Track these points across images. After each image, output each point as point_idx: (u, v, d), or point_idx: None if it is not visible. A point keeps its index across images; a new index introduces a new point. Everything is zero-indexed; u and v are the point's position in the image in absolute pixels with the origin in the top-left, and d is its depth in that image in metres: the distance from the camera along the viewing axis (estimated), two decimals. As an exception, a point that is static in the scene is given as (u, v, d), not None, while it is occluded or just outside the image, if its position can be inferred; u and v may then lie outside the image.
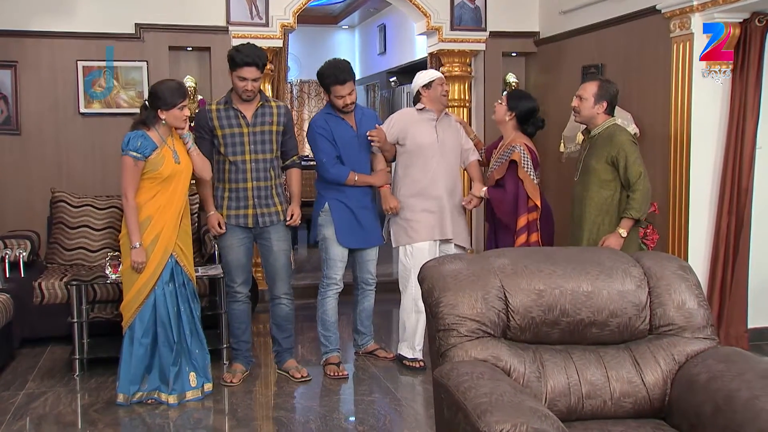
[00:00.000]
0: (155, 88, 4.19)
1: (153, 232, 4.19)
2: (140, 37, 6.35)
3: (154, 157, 4.14)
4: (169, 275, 4.25)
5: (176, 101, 4.12)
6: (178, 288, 4.28)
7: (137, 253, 4.14)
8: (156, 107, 4.14)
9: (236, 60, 4.38)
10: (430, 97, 4.84)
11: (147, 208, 4.20)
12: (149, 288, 4.20)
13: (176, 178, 4.23)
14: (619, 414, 2.70)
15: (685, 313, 2.79)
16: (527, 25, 7.16)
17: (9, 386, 4.59)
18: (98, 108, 6.33)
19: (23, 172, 6.25)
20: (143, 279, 4.19)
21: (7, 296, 4.89)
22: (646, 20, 5.58)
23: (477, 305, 2.68)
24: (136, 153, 4.09)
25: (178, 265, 4.29)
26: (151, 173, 4.16)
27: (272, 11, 6.53)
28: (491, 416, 2.14)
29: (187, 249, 4.37)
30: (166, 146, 4.20)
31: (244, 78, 4.39)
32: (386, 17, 10.54)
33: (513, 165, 4.49)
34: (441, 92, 4.84)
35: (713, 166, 5.23)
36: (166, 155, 4.18)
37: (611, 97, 4.28)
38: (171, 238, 4.24)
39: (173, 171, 4.19)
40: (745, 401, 2.33)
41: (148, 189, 4.19)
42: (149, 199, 4.20)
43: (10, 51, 6.15)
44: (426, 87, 4.85)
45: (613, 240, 4.14)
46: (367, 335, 5.20)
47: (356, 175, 4.75)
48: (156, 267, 4.20)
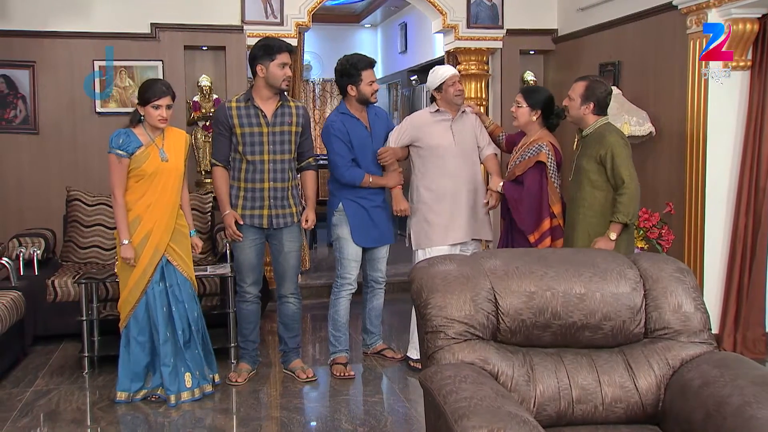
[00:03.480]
0: (141, 85, 4.25)
1: (142, 232, 4.20)
2: (156, 37, 6.39)
3: (139, 155, 4.16)
4: (159, 275, 4.26)
5: (150, 98, 4.13)
6: (170, 288, 4.28)
7: (125, 250, 4.17)
8: (138, 103, 4.20)
9: (275, 46, 4.40)
10: (444, 100, 4.78)
11: (136, 207, 4.21)
12: (141, 288, 4.22)
13: (164, 177, 4.22)
14: (611, 419, 2.63)
15: (681, 317, 2.72)
16: (545, 22, 7.07)
17: (18, 383, 4.64)
18: (114, 107, 6.39)
19: (41, 171, 6.33)
20: (134, 279, 4.21)
21: (18, 294, 4.94)
22: (663, 16, 5.47)
23: (465, 307, 2.63)
24: (119, 150, 4.13)
25: (170, 265, 4.29)
26: (135, 170, 4.17)
27: (287, 10, 6.52)
28: (468, 421, 2.09)
29: (181, 249, 4.35)
30: (153, 144, 4.21)
31: (285, 64, 4.40)
32: (407, 15, 10.49)
33: (538, 165, 4.40)
34: (453, 93, 4.74)
35: (730, 165, 5.11)
36: (152, 153, 4.19)
37: (599, 98, 4.16)
38: (162, 238, 4.24)
39: (158, 169, 4.19)
40: (736, 408, 2.26)
41: (136, 188, 4.21)
42: (138, 198, 4.21)
43: (28, 51, 6.23)
44: (438, 90, 4.78)
45: (603, 244, 4.04)
46: (375, 335, 5.17)
47: (370, 177, 4.72)
48: (146, 266, 4.21)
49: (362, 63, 4.69)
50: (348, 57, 4.77)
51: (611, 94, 4.33)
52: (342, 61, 4.76)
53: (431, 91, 4.85)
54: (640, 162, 4.99)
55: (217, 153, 4.56)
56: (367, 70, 4.69)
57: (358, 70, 4.67)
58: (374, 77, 4.75)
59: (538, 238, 4.36)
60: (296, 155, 4.63)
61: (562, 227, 4.37)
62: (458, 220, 4.74)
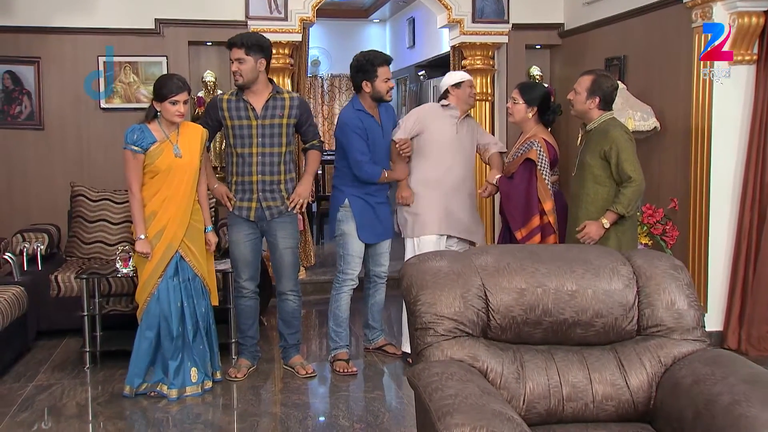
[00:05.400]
0: (156, 81, 4.23)
1: (157, 227, 4.23)
2: (160, 32, 6.39)
3: (153, 150, 4.18)
4: (173, 270, 4.27)
5: (167, 94, 4.14)
6: (183, 283, 4.29)
7: (141, 245, 4.20)
8: (153, 99, 4.20)
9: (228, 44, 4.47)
10: (459, 96, 4.82)
11: (152, 203, 4.24)
12: (153, 282, 4.24)
13: (178, 173, 4.23)
14: (602, 417, 2.61)
15: (674, 314, 2.69)
16: (551, 16, 7.02)
17: (20, 378, 4.66)
18: (118, 103, 6.39)
19: (46, 167, 6.35)
20: (146, 273, 4.23)
21: (21, 289, 4.96)
22: (669, 10, 5.41)
23: (455, 304, 2.61)
24: (134, 146, 4.16)
25: (184, 260, 4.30)
26: (149, 166, 4.20)
27: (291, 5, 6.51)
28: (451, 419, 2.08)
29: (195, 245, 4.36)
30: (168, 141, 4.21)
31: (235, 60, 4.42)
32: (415, 10, 10.45)
33: (527, 162, 4.38)
34: (469, 93, 4.84)
35: (735, 160, 5.05)
36: (166, 149, 4.20)
37: (605, 92, 4.13)
38: (177, 234, 4.25)
39: (171, 164, 4.20)
40: (725, 406, 2.23)
41: (151, 184, 4.24)
42: (153, 194, 4.24)
43: (33, 47, 6.24)
44: (455, 86, 4.83)
45: (594, 227, 4.02)
46: (377, 330, 5.15)
47: (386, 172, 4.73)
48: (159, 262, 4.23)
49: (379, 59, 4.68)
50: (365, 53, 4.76)
51: (617, 89, 4.30)
52: (358, 57, 4.74)
53: (448, 86, 4.87)
54: (645, 158, 4.94)
55: None
56: (383, 67, 4.68)
57: (374, 66, 4.66)
58: (390, 74, 4.73)
59: (526, 234, 4.34)
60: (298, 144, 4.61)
61: (552, 224, 4.35)
62: (447, 211, 4.77)
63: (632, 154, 4.03)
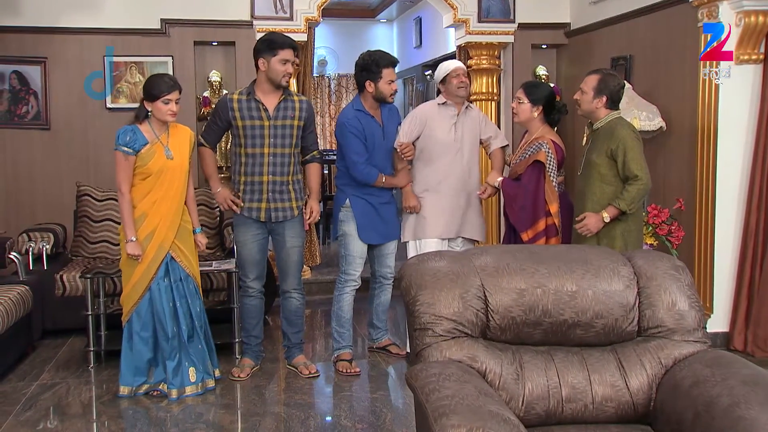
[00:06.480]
0: (146, 81, 4.22)
1: (148, 228, 4.22)
2: (165, 32, 6.41)
3: (145, 152, 4.18)
4: (164, 271, 4.27)
5: (159, 93, 4.13)
6: (174, 284, 4.29)
7: (132, 247, 4.19)
8: (144, 99, 4.19)
9: (277, 42, 4.39)
10: (447, 92, 4.80)
11: (142, 205, 4.23)
12: (145, 284, 4.24)
13: (169, 174, 4.23)
14: (601, 419, 2.59)
15: (675, 315, 2.67)
16: (557, 16, 7.00)
17: (24, 377, 4.68)
18: (124, 103, 6.41)
19: (53, 166, 6.38)
20: (138, 274, 4.23)
21: (26, 288, 4.98)
22: (675, 9, 5.38)
23: (454, 304, 2.60)
24: (125, 148, 4.15)
25: (174, 261, 4.30)
26: (140, 168, 4.19)
27: (297, 5, 6.51)
28: (447, 420, 2.07)
29: (185, 246, 4.36)
30: (158, 142, 4.22)
31: (287, 60, 4.38)
32: (422, 10, 10.44)
33: (536, 164, 4.36)
34: (456, 84, 4.74)
35: (741, 160, 5.02)
36: (157, 151, 4.21)
37: (612, 91, 4.12)
38: (168, 236, 4.25)
39: (163, 166, 4.20)
40: (724, 408, 2.21)
41: (142, 186, 4.23)
42: (144, 196, 4.23)
43: (39, 47, 6.27)
44: (442, 83, 4.81)
45: (594, 220, 4.02)
46: (381, 330, 5.14)
47: (384, 177, 4.70)
48: (150, 263, 4.23)
49: (384, 60, 4.65)
50: (371, 52, 4.73)
51: (624, 89, 4.28)
52: (364, 56, 4.72)
53: (437, 85, 4.86)
54: (650, 157, 4.90)
55: (207, 136, 4.60)
56: (388, 69, 4.65)
57: (379, 66, 4.63)
58: (394, 77, 4.70)
59: (532, 237, 4.32)
60: (300, 149, 4.62)
61: (557, 226, 4.33)
62: (450, 215, 4.75)
63: (639, 153, 4.02)
